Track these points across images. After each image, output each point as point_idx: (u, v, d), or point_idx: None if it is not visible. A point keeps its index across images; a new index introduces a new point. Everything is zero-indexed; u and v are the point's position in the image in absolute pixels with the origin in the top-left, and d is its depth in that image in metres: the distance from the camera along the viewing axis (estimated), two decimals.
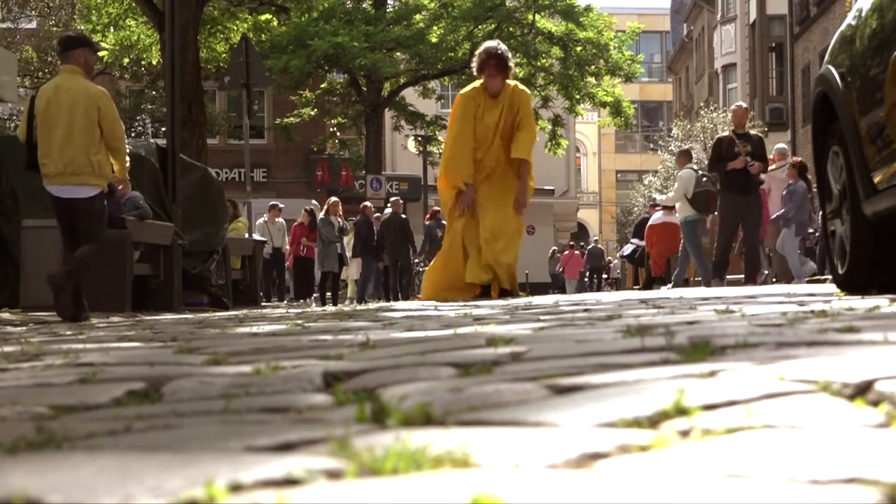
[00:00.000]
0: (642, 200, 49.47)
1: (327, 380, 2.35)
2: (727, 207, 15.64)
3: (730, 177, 15.41)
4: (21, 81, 33.34)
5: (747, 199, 15.44)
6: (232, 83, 20.99)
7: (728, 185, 15.55)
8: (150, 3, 21.93)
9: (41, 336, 5.74)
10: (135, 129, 38.79)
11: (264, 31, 28.91)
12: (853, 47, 6.30)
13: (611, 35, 37.65)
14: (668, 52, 75.56)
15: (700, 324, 3.49)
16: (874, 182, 5.96)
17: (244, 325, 5.71)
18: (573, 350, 2.67)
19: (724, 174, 15.51)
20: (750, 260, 15.96)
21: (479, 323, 4.55)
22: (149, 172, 15.06)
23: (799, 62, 40.11)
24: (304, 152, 43.39)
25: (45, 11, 37.24)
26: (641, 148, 75.00)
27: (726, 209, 15.68)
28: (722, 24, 49.69)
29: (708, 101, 49.54)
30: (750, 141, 15.67)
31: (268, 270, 24.62)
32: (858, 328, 2.84)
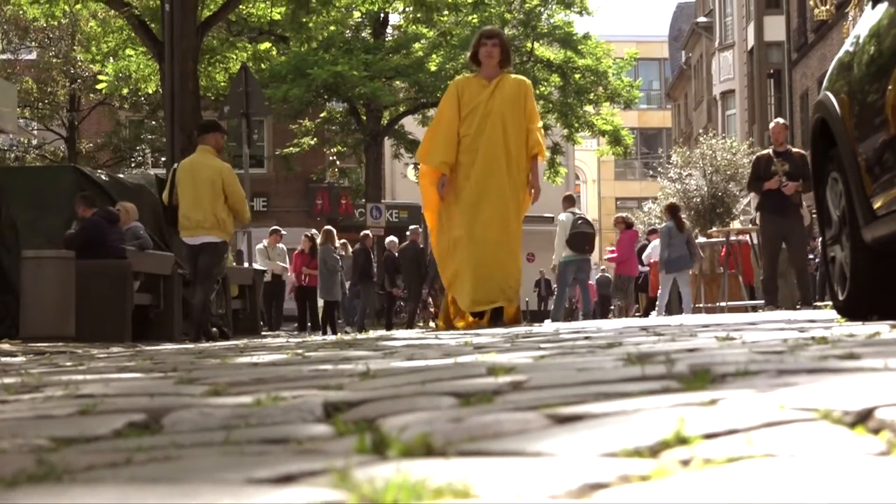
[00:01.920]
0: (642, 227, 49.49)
1: (328, 410, 2.34)
2: (766, 228, 15.30)
3: (767, 197, 15.03)
4: (21, 112, 33.41)
5: (786, 220, 14.91)
6: (231, 112, 21.03)
7: (765, 206, 15.17)
8: (149, 34, 22.00)
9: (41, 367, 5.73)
10: (134, 158, 38.85)
11: (264, 61, 28.96)
12: (851, 73, 6.31)
13: (609, 62, 37.74)
14: (667, 79, 75.74)
15: (700, 351, 3.48)
16: (873, 208, 5.97)
17: (244, 355, 5.70)
18: (574, 379, 2.67)
19: (762, 194, 15.16)
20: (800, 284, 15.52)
21: (479, 352, 4.55)
22: (148, 203, 15.08)
23: (797, 88, 40.20)
24: (304, 181, 43.44)
25: (45, 42, 37.33)
26: (641, 175, 75.12)
27: (766, 230, 15.36)
28: (720, 50, 49.82)
29: (707, 127, 49.63)
30: (789, 159, 15.04)
31: (267, 298, 24.57)
32: (859, 355, 2.84)
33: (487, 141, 10.55)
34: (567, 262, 19.51)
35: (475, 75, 10.86)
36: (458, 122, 10.64)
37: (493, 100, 10.58)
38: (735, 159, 39.27)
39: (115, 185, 15.14)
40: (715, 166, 39.43)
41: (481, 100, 10.57)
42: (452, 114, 10.66)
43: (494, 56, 10.69)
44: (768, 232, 15.32)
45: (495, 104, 10.58)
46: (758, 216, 16.95)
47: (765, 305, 15.25)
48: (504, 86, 10.67)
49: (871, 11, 6.30)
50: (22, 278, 12.82)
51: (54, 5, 23.58)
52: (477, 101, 10.58)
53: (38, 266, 12.69)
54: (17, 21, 33.50)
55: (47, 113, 37.96)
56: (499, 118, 10.57)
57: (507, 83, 10.72)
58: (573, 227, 19.23)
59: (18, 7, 24.77)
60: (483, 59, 10.71)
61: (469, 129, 10.58)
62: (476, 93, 10.63)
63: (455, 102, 10.69)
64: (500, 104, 10.58)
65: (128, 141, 38.66)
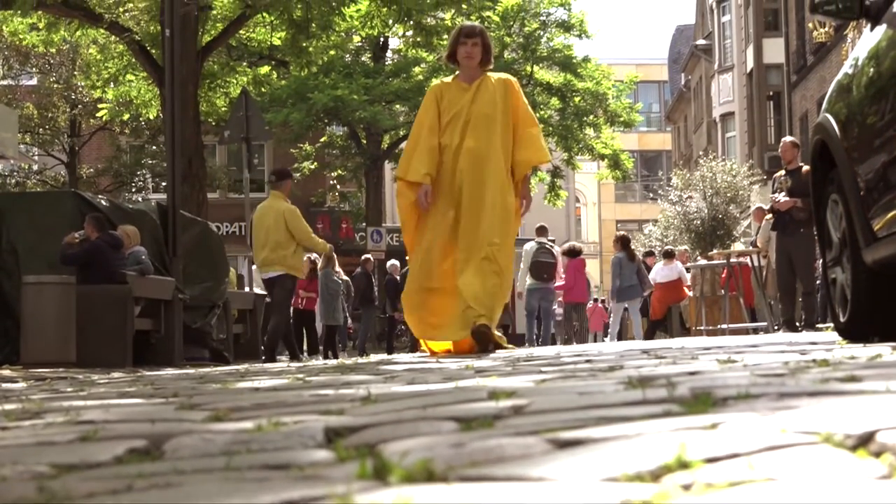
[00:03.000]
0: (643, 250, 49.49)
1: (329, 435, 2.34)
2: (775, 249, 15.46)
3: (775, 217, 15.24)
4: (22, 138, 33.45)
5: (790, 239, 14.94)
6: (232, 137, 21.05)
7: (774, 225, 15.36)
8: (150, 59, 22.05)
9: (42, 393, 5.73)
10: (135, 184, 38.88)
11: (264, 85, 29.02)
12: (850, 96, 6.33)
13: (609, 85, 37.84)
14: (667, 101, 75.86)
15: (702, 374, 3.48)
16: (874, 230, 5.97)
17: (245, 380, 5.70)
18: (575, 403, 2.67)
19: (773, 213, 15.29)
20: (805, 307, 15.47)
21: (480, 375, 4.54)
22: (149, 228, 15.10)
23: (797, 110, 40.27)
24: (304, 205, 43.40)
25: (46, 68, 37.39)
26: (641, 197, 75.15)
27: (775, 251, 15.51)
28: (720, 73, 49.90)
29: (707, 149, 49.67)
30: (794, 176, 14.98)
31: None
32: (860, 377, 2.84)
33: (471, 150, 9.48)
34: (531, 290, 21.05)
35: (454, 78, 9.82)
36: (439, 131, 9.61)
37: (475, 104, 9.55)
38: (735, 181, 39.29)
39: (116, 211, 15.15)
40: (715, 188, 39.45)
41: (462, 105, 9.55)
42: (432, 122, 9.62)
43: (475, 56, 9.61)
44: (776, 253, 15.42)
45: (478, 108, 9.55)
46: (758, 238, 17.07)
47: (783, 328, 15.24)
48: (486, 87, 9.61)
49: (869, 34, 6.32)
50: (23, 304, 12.81)
51: (53, 32, 23.64)
52: (458, 106, 9.56)
53: (38, 291, 12.69)
54: (17, 47, 33.58)
55: (48, 138, 38.02)
56: (482, 124, 9.52)
57: (490, 84, 9.64)
58: (534, 257, 20.79)
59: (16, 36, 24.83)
60: (462, 59, 9.64)
61: (451, 138, 9.55)
62: (456, 98, 9.60)
63: (434, 110, 9.66)
64: (484, 108, 9.54)
65: (128, 166, 38.71)
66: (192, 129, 20.82)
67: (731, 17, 49.02)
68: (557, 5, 37.96)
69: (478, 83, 9.62)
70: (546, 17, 38.09)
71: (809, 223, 14.57)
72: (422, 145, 9.58)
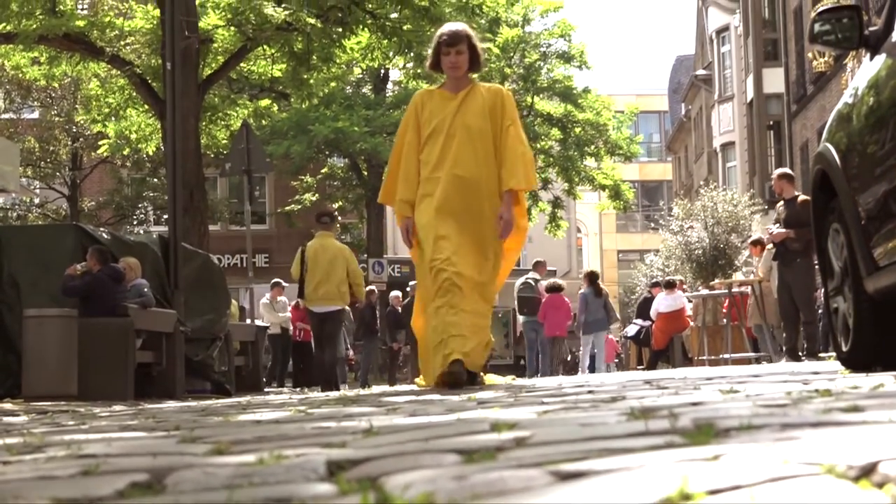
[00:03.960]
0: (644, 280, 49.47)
1: (331, 468, 2.34)
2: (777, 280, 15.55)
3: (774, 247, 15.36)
4: (23, 171, 33.51)
5: (788, 269, 15.06)
6: (233, 169, 21.10)
7: (774, 256, 15.49)
8: (151, 92, 22.09)
9: (43, 427, 5.72)
10: (136, 216, 38.91)
11: (265, 117, 29.08)
12: (850, 125, 6.34)
13: (609, 116, 37.92)
14: (667, 131, 75.99)
15: (704, 405, 3.48)
16: (875, 259, 5.97)
17: (247, 413, 5.69)
18: (577, 434, 2.67)
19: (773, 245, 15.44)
20: (806, 336, 15.47)
21: (482, 407, 4.54)
22: (151, 260, 15.10)
23: (797, 140, 40.32)
24: (306, 237, 43.41)
25: (47, 102, 37.49)
26: (642, 227, 75.20)
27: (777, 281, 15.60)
28: (720, 103, 49.99)
29: (707, 179, 49.73)
30: (788, 207, 15.15)
31: (276, 352, 24.51)
32: (863, 407, 2.83)
33: (454, 166, 8.50)
34: (524, 324, 22.67)
35: (438, 87, 8.88)
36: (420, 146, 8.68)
37: (460, 115, 8.57)
38: (736, 211, 39.30)
39: (118, 243, 15.16)
40: (716, 218, 39.46)
41: (446, 116, 8.57)
42: (412, 138, 8.69)
43: (460, 66, 8.62)
44: (777, 283, 15.48)
45: (463, 121, 8.55)
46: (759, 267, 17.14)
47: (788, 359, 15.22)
48: (474, 98, 8.64)
49: (869, 63, 6.34)
50: (24, 337, 12.81)
51: (55, 66, 23.70)
52: (440, 117, 8.59)
53: (40, 325, 12.68)
54: (19, 81, 33.67)
55: (49, 172, 38.08)
56: (467, 137, 8.53)
57: (478, 94, 8.67)
58: (518, 292, 22.32)
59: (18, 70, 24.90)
60: (446, 69, 8.68)
61: (431, 154, 8.59)
62: (439, 108, 8.63)
63: (414, 123, 8.73)
64: (470, 120, 8.55)
65: (130, 199, 38.75)
66: (194, 161, 20.84)
67: (731, 47, 49.14)
68: (558, 36, 38.09)
69: (465, 93, 8.67)
70: (546, 49, 38.21)
71: (806, 253, 14.65)
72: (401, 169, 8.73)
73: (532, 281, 22.37)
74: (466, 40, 8.69)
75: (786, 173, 15.82)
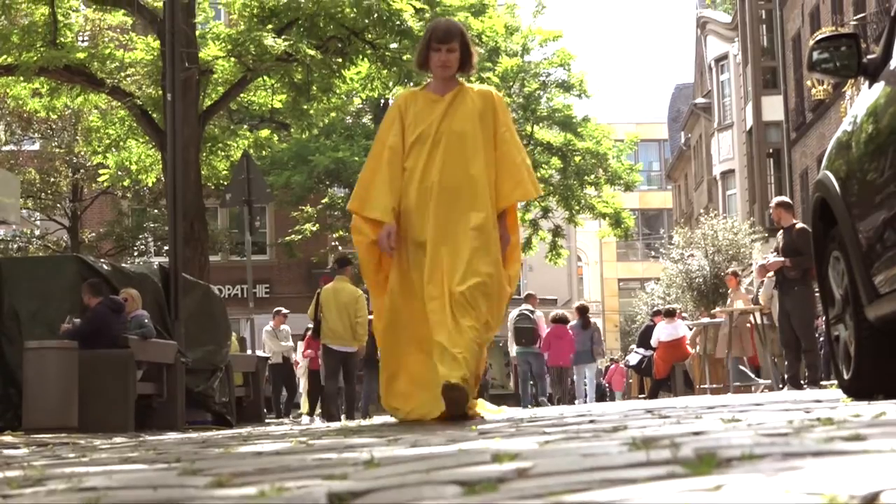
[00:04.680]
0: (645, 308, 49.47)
1: (332, 500, 2.33)
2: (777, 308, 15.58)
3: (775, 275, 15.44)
4: (24, 203, 33.53)
5: (786, 297, 15.08)
6: (233, 200, 21.11)
7: (775, 284, 15.54)
8: (151, 123, 22.14)
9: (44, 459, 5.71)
10: (137, 247, 38.92)
11: (265, 148, 29.13)
12: (850, 153, 6.34)
13: (609, 145, 37.97)
14: (667, 159, 76.08)
15: (705, 434, 3.47)
16: (876, 286, 5.97)
17: (248, 444, 5.68)
18: (579, 465, 2.66)
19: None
20: (808, 364, 15.44)
21: (483, 437, 4.53)
22: (151, 291, 15.10)
23: (797, 167, 40.37)
24: (307, 266, 43.52)
25: (48, 133, 37.54)
26: (643, 256, 75.22)
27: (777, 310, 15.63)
28: (719, 131, 50.08)
29: (708, 207, 49.78)
30: (786, 235, 15.22)
31: (276, 381, 24.43)
32: (865, 436, 2.83)
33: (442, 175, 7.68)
34: (518, 355, 22.94)
35: (423, 88, 8.11)
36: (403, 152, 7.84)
37: (448, 119, 7.76)
38: (737, 239, 39.32)
39: (118, 275, 15.16)
40: (717, 246, 39.48)
41: (433, 120, 7.75)
42: (396, 142, 7.83)
43: (451, 65, 7.80)
44: (778, 310, 15.50)
45: (452, 125, 7.74)
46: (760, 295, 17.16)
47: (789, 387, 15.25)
48: (464, 100, 7.82)
49: (868, 91, 6.35)
50: (24, 369, 12.78)
51: (55, 98, 23.76)
52: (427, 121, 7.77)
53: (40, 357, 12.66)
54: (20, 113, 33.73)
55: (50, 203, 38.09)
56: (457, 144, 7.72)
57: (469, 97, 7.85)
58: (514, 323, 22.66)
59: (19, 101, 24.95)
60: (435, 69, 7.85)
61: (416, 161, 7.77)
62: (425, 111, 7.82)
63: (398, 127, 7.87)
64: (460, 125, 7.73)
65: (130, 230, 38.76)
66: (194, 192, 20.88)
67: (730, 76, 49.25)
68: (557, 66, 38.16)
69: (453, 95, 7.83)
70: (546, 78, 38.29)
71: (805, 280, 14.69)
72: (383, 173, 7.82)
73: (528, 312, 22.80)
74: (459, 38, 7.86)
75: (784, 202, 15.86)
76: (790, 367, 15.40)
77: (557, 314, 24.02)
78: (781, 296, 15.18)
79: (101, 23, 26.44)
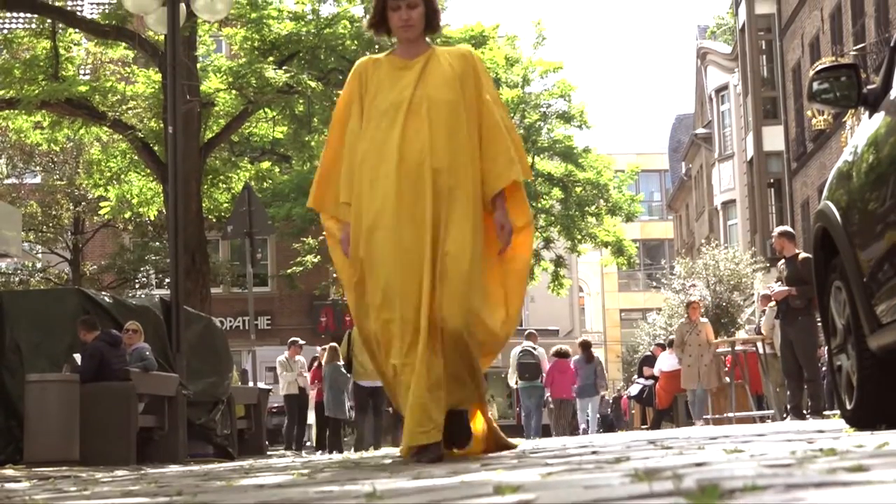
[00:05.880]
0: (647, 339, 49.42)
1: None
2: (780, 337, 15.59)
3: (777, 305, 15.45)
4: (26, 236, 33.55)
5: (789, 327, 15.08)
6: (235, 232, 21.12)
7: (777, 314, 15.56)
8: (153, 155, 22.20)
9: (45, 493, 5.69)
10: (139, 280, 38.92)
11: (266, 180, 29.19)
12: (851, 182, 6.35)
13: (610, 175, 38.01)
14: (668, 190, 76.14)
15: (708, 465, 3.46)
16: (878, 316, 5.96)
17: (250, 477, 5.66)
18: (581, 497, 2.65)
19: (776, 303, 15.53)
20: (810, 394, 15.47)
21: (486, 469, 4.52)
22: (153, 324, 15.09)
23: (798, 197, 40.39)
24: (308, 298, 43.52)
25: (49, 166, 37.60)
26: (644, 286, 75.14)
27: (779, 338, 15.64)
28: (720, 161, 50.13)
29: (709, 237, 49.77)
30: (789, 265, 15.20)
31: (292, 412, 24.24)
32: (868, 467, 2.82)
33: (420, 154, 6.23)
34: (521, 389, 24.18)
35: (388, 53, 6.64)
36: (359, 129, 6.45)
37: (422, 87, 6.36)
38: (738, 269, 39.27)
39: (119, 307, 15.17)
40: (718, 276, 39.41)
41: (402, 89, 6.37)
42: (357, 124, 6.46)
43: (415, 24, 6.41)
44: (781, 339, 15.49)
45: (429, 92, 6.34)
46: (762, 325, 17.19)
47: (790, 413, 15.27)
48: (437, 64, 6.46)
49: (868, 121, 6.36)
50: (26, 402, 12.77)
51: (57, 131, 23.82)
52: (394, 92, 6.38)
53: (42, 390, 12.65)
54: (21, 146, 33.81)
55: (51, 236, 38.12)
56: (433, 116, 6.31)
57: (441, 60, 6.48)
58: (518, 359, 23.78)
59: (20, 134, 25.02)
60: (396, 29, 6.45)
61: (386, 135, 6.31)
62: (391, 80, 6.44)
63: (357, 101, 6.50)
64: (439, 91, 6.35)
65: (132, 263, 38.76)
66: (195, 224, 20.91)
67: (731, 106, 49.33)
68: (557, 97, 38.21)
69: (424, 59, 6.47)
70: (546, 109, 38.33)
71: (808, 310, 14.68)
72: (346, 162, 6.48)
73: (531, 349, 23.91)
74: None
75: (786, 231, 15.86)
76: (793, 397, 15.38)
77: (560, 349, 24.80)
78: (785, 325, 15.16)
79: (103, 56, 26.53)
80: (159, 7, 15.46)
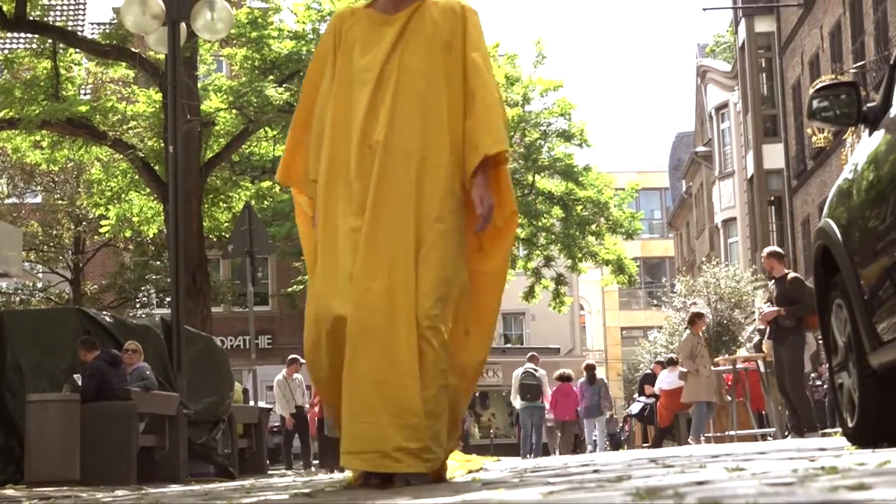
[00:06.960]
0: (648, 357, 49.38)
1: None
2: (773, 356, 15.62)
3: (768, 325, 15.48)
4: (26, 255, 33.56)
5: (780, 346, 15.07)
6: (235, 251, 21.11)
7: (769, 334, 15.58)
8: (153, 175, 22.22)
9: None
10: (139, 299, 38.92)
11: (267, 199, 29.20)
12: (851, 200, 6.35)
13: (610, 194, 38.01)
14: (668, 208, 76.15)
15: (710, 484, 3.45)
16: (879, 333, 5.96)
17: (251, 496, 5.65)
18: None
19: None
20: (790, 412, 15.44)
21: (487, 488, 4.51)
22: (153, 343, 15.09)
23: (798, 215, 40.39)
24: None
25: (50, 186, 37.63)
26: (645, 304, 75.12)
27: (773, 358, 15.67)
28: (720, 179, 50.16)
29: (709, 255, 49.77)
30: (779, 285, 15.24)
31: (289, 431, 24.20)
32: (869, 485, 2.81)
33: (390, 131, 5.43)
34: (522, 410, 24.61)
35: (369, 4, 5.75)
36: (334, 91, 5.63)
37: (398, 52, 5.53)
38: (739, 287, 39.28)
39: (120, 327, 15.16)
40: (719, 294, 39.43)
41: (379, 50, 5.53)
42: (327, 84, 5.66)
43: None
44: (774, 359, 15.51)
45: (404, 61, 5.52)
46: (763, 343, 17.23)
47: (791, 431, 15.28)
48: (422, 24, 5.58)
49: (868, 139, 6.37)
50: (27, 422, 12.74)
51: (57, 151, 23.85)
52: (366, 57, 5.54)
53: (42, 410, 12.63)
54: (22, 165, 33.83)
55: (52, 256, 38.12)
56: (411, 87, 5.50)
57: (427, 18, 5.59)
58: (520, 380, 24.30)
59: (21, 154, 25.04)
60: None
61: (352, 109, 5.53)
62: (365, 40, 5.61)
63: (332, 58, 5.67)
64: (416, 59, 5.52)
65: (132, 282, 38.75)
66: (196, 243, 20.91)
67: (731, 124, 49.38)
68: (558, 115, 38.21)
69: (408, 14, 5.60)
70: (547, 127, 38.31)
71: (797, 329, 14.73)
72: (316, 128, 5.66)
73: (532, 370, 24.50)
74: None
75: (775, 252, 15.93)
76: (791, 416, 15.38)
77: (563, 373, 25.81)
78: (777, 345, 15.18)
79: (104, 76, 26.56)
80: (160, 27, 15.48)
